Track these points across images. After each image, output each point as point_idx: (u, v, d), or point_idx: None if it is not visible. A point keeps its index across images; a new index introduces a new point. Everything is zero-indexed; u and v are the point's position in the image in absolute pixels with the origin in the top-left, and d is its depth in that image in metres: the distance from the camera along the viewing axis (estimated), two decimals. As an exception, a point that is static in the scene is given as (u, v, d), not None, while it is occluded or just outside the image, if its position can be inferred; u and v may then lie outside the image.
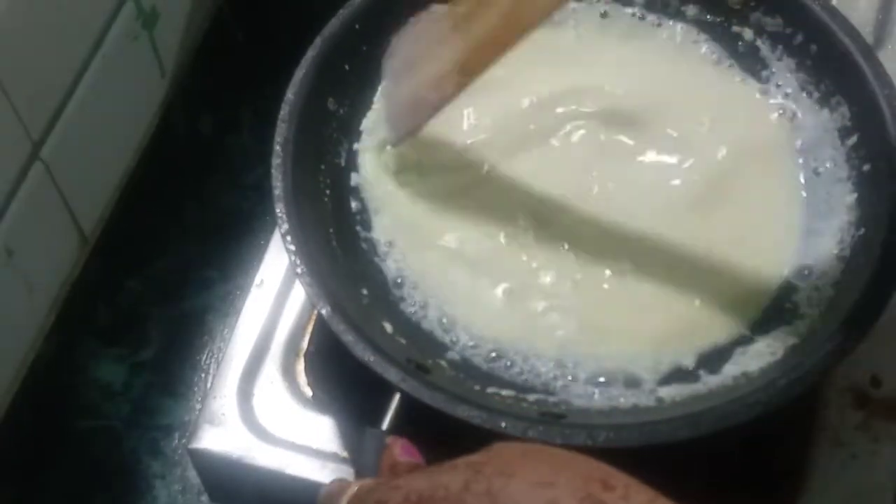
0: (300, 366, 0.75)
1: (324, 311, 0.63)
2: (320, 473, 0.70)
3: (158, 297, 0.86)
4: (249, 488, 0.73)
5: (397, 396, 0.60)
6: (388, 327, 0.67)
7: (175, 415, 0.81)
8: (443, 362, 0.67)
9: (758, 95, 0.76)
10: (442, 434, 0.58)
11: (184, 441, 0.78)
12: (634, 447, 0.59)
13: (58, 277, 0.81)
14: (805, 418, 0.71)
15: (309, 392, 0.74)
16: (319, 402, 0.73)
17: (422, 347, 0.67)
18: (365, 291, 0.69)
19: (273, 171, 0.67)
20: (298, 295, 0.77)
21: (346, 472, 0.70)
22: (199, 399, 0.81)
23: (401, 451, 0.55)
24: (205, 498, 0.78)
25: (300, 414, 0.73)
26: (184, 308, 0.86)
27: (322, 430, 0.72)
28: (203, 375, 0.83)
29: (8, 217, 0.72)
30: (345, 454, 0.71)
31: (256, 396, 0.73)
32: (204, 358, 0.84)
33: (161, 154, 0.90)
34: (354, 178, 0.74)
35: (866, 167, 0.70)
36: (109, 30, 0.79)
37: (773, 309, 0.69)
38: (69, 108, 0.76)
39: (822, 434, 0.71)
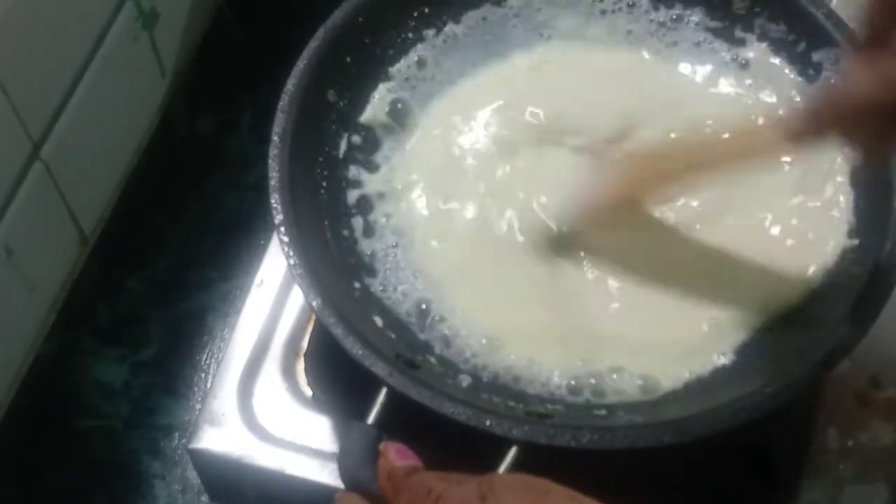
0: (300, 366, 0.75)
1: (314, 304, 0.63)
2: (320, 473, 0.70)
3: (158, 297, 0.86)
4: (249, 488, 0.73)
5: (384, 391, 0.60)
6: (379, 322, 0.67)
7: (175, 415, 0.81)
8: (432, 359, 0.67)
9: (759, 102, 0.76)
10: (429, 429, 0.58)
11: (184, 441, 0.78)
12: (619, 450, 0.59)
13: (58, 277, 0.81)
14: (805, 418, 0.71)
15: (309, 392, 0.74)
16: (319, 402, 0.73)
17: (411, 343, 0.67)
18: (357, 285, 0.69)
19: (270, 161, 0.67)
20: (298, 295, 0.76)
21: (346, 472, 0.70)
22: (199, 399, 0.81)
23: (396, 455, 0.55)
24: (205, 498, 0.78)
25: (300, 414, 0.73)
26: (184, 308, 0.86)
27: (322, 430, 0.72)
28: (203, 375, 0.83)
29: (8, 217, 0.72)
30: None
31: (256, 396, 0.73)
32: (204, 358, 0.84)
33: (161, 154, 0.90)
34: (352, 171, 0.74)
35: (863, 176, 0.70)
36: (109, 30, 0.79)
37: (759, 325, 0.69)
38: (69, 108, 0.76)
39: (822, 434, 0.71)
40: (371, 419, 0.59)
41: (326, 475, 0.70)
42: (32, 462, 0.79)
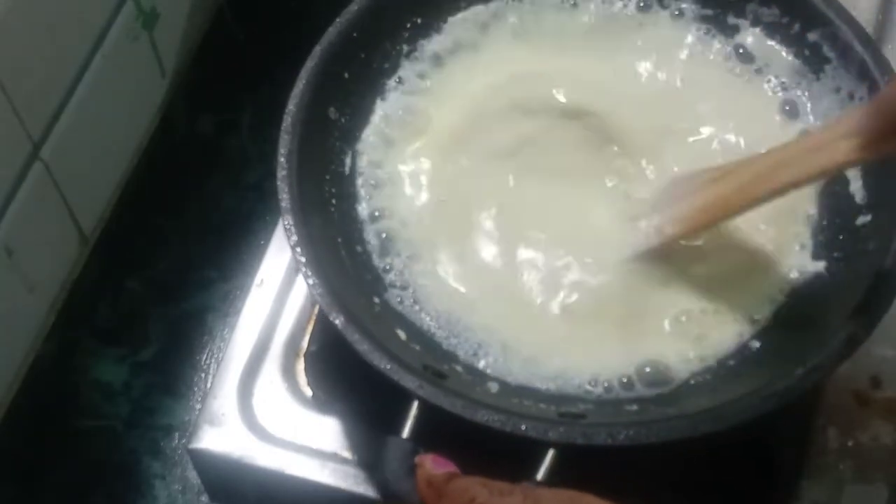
0: (300, 366, 0.75)
1: (338, 322, 0.62)
2: (320, 473, 0.70)
3: (158, 297, 0.86)
4: (249, 488, 0.73)
5: (416, 404, 0.60)
6: (402, 334, 0.67)
7: (175, 415, 0.81)
8: (458, 367, 0.67)
9: (756, 86, 0.76)
10: (465, 438, 0.58)
11: (184, 441, 0.78)
12: (655, 444, 0.59)
13: (58, 277, 0.81)
14: (805, 418, 0.71)
15: (309, 392, 0.74)
16: (319, 402, 0.73)
17: (436, 353, 0.67)
18: (376, 299, 0.69)
19: (279, 183, 0.67)
20: (298, 295, 0.77)
21: (346, 473, 0.70)
22: (199, 399, 0.81)
23: (433, 464, 0.55)
24: (205, 498, 0.78)
25: (300, 414, 0.73)
26: (184, 308, 0.86)
27: (322, 430, 0.72)
28: (203, 375, 0.83)
29: (8, 217, 0.72)
30: (345, 454, 0.71)
31: (256, 396, 0.73)
32: (204, 358, 0.84)
33: (161, 154, 0.90)
34: (359, 186, 0.74)
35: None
36: (109, 30, 0.79)
37: (781, 304, 0.69)
38: (69, 108, 0.76)
39: (822, 434, 0.71)
40: (406, 433, 0.59)
41: (326, 475, 0.70)
42: (32, 462, 0.79)
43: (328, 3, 0.74)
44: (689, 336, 0.68)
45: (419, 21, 0.77)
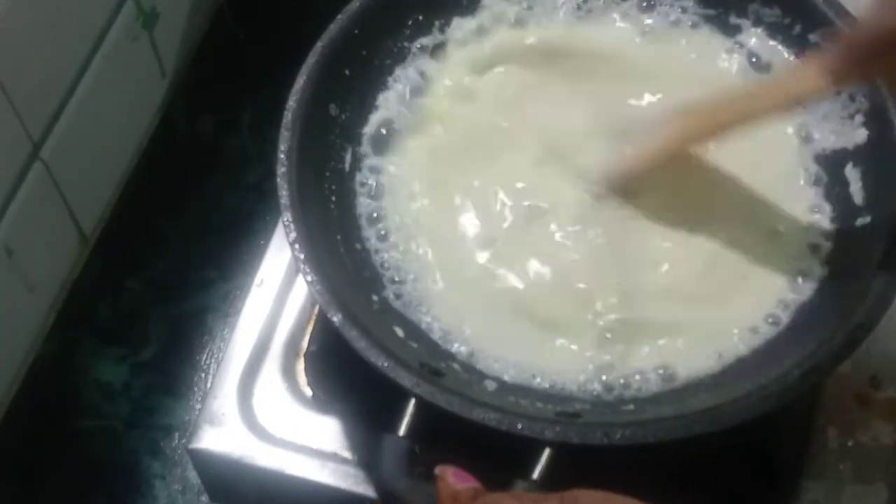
0: (300, 366, 0.75)
1: (335, 319, 0.62)
2: (320, 473, 0.70)
3: (158, 297, 0.86)
4: (249, 488, 0.73)
5: (413, 401, 0.60)
6: (400, 332, 0.67)
7: (175, 415, 0.81)
8: (455, 365, 0.67)
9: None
10: (462, 436, 0.58)
11: (184, 441, 0.78)
12: (651, 444, 0.59)
13: (58, 277, 0.81)
14: (805, 418, 0.71)
15: (309, 392, 0.74)
16: (319, 402, 0.73)
17: (434, 351, 0.67)
18: (374, 297, 0.69)
19: (279, 180, 0.67)
20: (298, 295, 0.77)
21: (346, 473, 0.70)
22: (199, 399, 0.81)
23: (455, 479, 0.54)
24: (205, 498, 0.78)
25: (300, 414, 0.73)
26: (184, 308, 0.86)
27: (322, 430, 0.72)
28: (203, 375, 0.83)
29: (8, 217, 0.72)
30: (345, 454, 0.71)
31: (256, 396, 0.73)
32: (204, 358, 0.84)
33: (161, 154, 0.90)
34: (359, 183, 0.74)
35: (871, 156, 0.71)
36: (109, 30, 0.79)
37: (781, 307, 0.69)
38: (69, 108, 0.76)
39: (822, 434, 0.71)
40: (402, 431, 0.59)
41: (326, 475, 0.70)
42: (32, 462, 0.79)
43: (328, 3, 0.75)
44: (684, 335, 0.68)
45: (420, 18, 0.77)
